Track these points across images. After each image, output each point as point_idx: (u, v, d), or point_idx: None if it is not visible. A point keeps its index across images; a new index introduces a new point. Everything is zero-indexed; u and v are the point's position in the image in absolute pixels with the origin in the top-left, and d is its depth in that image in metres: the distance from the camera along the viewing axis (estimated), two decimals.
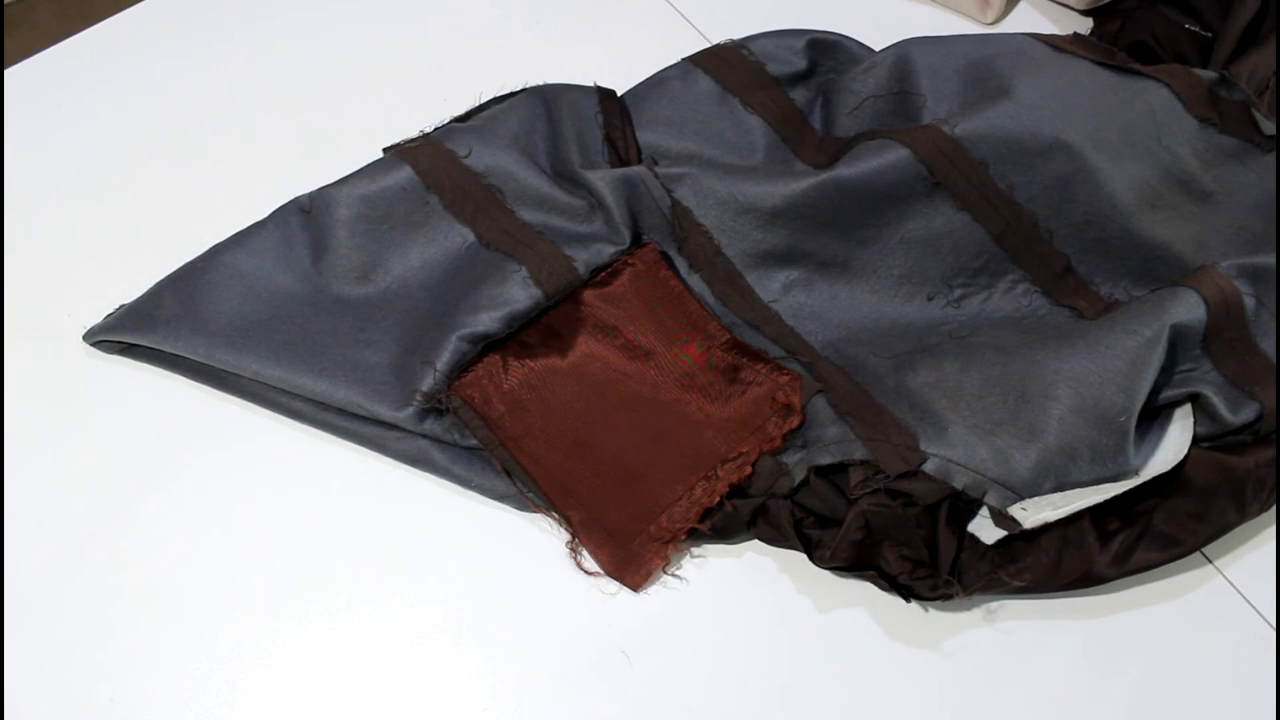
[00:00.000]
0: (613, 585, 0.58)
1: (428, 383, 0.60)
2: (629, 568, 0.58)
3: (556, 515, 0.59)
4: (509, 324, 0.61)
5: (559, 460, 0.60)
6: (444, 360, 0.60)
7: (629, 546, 0.58)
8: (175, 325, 0.62)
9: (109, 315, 0.64)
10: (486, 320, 0.61)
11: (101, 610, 0.57)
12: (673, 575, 0.58)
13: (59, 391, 0.63)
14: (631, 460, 0.60)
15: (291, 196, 0.67)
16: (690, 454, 0.60)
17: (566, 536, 0.59)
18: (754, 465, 0.59)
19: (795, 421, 0.60)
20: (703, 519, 0.58)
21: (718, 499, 0.58)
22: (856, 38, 0.75)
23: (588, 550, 0.58)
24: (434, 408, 0.60)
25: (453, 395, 0.60)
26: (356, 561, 0.59)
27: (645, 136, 0.70)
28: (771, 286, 0.66)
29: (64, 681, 0.55)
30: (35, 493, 0.60)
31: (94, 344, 0.64)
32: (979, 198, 0.64)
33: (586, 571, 0.58)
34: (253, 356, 0.61)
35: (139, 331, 0.63)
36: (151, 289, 0.64)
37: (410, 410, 0.59)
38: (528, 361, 0.62)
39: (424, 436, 0.60)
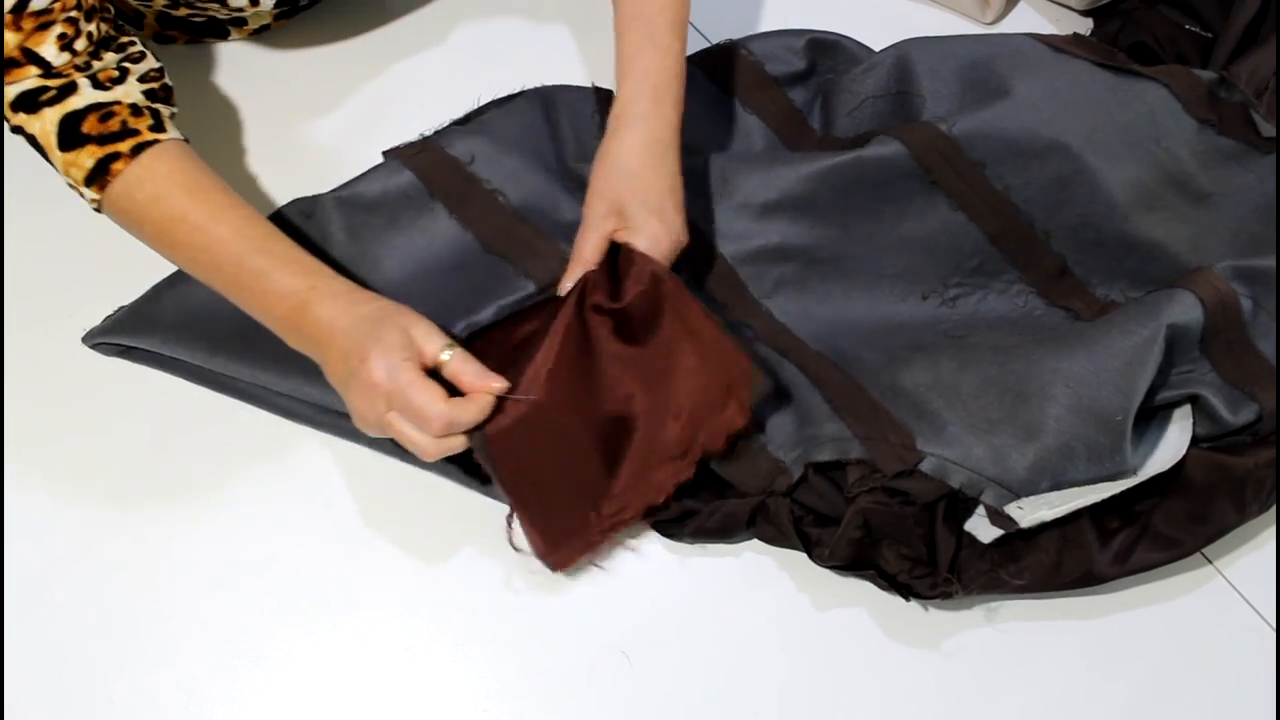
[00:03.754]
0: (613, 585, 0.58)
1: None
2: (558, 552, 0.57)
3: (503, 491, 0.57)
4: None
5: (524, 443, 0.57)
6: None
7: (565, 529, 0.57)
8: (174, 328, 0.62)
9: (108, 317, 0.64)
10: (485, 321, 0.61)
11: (101, 611, 0.57)
12: (673, 575, 0.58)
13: (59, 392, 0.63)
14: (589, 447, 0.58)
15: (291, 198, 0.67)
16: (643, 448, 0.58)
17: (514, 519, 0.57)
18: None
19: (741, 422, 0.58)
20: (647, 514, 0.58)
21: (664, 498, 0.57)
22: (856, 38, 0.75)
23: (522, 526, 0.57)
24: None
25: None
26: (356, 562, 0.59)
27: None
28: (764, 283, 0.66)
29: (64, 681, 0.55)
30: (35, 493, 0.60)
31: (93, 346, 0.64)
32: (975, 197, 0.64)
33: (515, 548, 0.58)
34: (252, 359, 0.61)
35: (138, 334, 0.63)
36: (150, 291, 0.64)
37: None
38: (520, 359, 0.61)
39: None
